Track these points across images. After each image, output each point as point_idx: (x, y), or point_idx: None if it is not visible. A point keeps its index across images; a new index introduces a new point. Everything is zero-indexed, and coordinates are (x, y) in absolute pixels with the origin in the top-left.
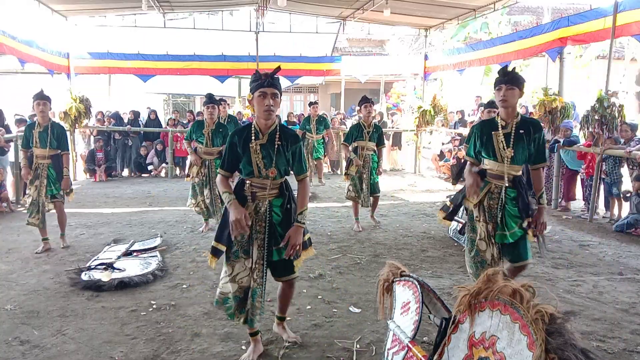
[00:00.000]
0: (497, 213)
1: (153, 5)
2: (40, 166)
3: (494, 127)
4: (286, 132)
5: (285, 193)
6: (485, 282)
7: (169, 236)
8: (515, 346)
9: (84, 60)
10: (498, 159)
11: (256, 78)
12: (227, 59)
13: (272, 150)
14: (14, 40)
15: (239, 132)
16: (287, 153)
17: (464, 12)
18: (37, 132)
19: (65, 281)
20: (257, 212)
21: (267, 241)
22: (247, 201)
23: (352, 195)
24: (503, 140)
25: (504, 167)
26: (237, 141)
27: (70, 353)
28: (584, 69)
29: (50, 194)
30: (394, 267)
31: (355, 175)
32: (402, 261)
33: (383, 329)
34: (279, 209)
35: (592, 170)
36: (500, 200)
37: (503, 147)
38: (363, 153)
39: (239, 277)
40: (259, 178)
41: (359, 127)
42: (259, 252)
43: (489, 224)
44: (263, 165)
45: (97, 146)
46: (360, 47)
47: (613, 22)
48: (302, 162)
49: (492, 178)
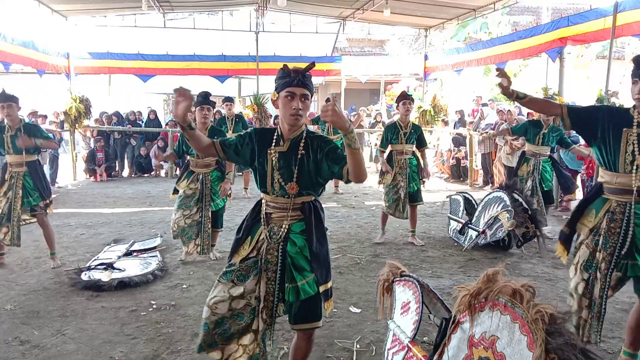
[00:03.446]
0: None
1: (153, 5)
2: (15, 175)
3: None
4: (313, 139)
5: (309, 216)
6: (485, 282)
7: (169, 236)
8: (515, 346)
9: (84, 60)
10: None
11: (284, 74)
12: (227, 59)
13: (293, 160)
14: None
15: (260, 132)
16: (313, 164)
17: (464, 12)
18: (9, 136)
19: (65, 281)
20: (270, 238)
21: (279, 274)
22: (260, 224)
23: (387, 209)
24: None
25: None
26: (254, 139)
27: (70, 353)
28: (584, 69)
29: (29, 205)
30: (394, 267)
31: (390, 184)
32: (402, 261)
33: (383, 329)
34: (300, 236)
35: (592, 171)
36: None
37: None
38: (399, 158)
39: (214, 302)
40: (273, 195)
41: (394, 128)
42: (268, 288)
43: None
44: (280, 178)
45: (97, 146)
46: (360, 47)
47: (613, 22)
48: (342, 158)
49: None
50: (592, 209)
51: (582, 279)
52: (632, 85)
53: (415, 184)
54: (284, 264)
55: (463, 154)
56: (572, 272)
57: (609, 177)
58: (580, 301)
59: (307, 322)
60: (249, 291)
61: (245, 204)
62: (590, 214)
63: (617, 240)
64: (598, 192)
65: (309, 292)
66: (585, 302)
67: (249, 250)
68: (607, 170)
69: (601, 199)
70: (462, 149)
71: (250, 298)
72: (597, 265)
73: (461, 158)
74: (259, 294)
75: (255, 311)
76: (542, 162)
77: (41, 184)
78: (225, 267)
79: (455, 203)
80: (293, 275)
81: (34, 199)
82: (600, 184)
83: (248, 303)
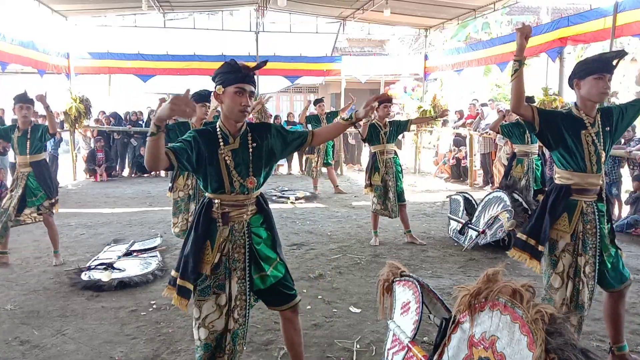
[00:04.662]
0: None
1: (153, 5)
2: (20, 175)
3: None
4: (255, 128)
5: (266, 208)
6: (485, 282)
7: (169, 236)
8: (515, 346)
9: (84, 60)
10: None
11: (233, 69)
12: (227, 59)
13: (246, 154)
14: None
15: (201, 133)
16: (266, 152)
17: (464, 12)
18: (16, 137)
19: (65, 281)
20: (232, 237)
21: (248, 271)
22: (217, 225)
23: (377, 208)
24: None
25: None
26: (200, 143)
27: (70, 353)
28: None
29: (33, 205)
30: (394, 267)
31: (379, 184)
32: (402, 261)
33: (383, 329)
34: (261, 228)
35: None
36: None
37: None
38: (383, 158)
39: (209, 321)
40: (230, 194)
41: (374, 128)
42: (239, 286)
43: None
44: (237, 175)
45: (97, 146)
46: (360, 47)
47: (613, 22)
48: (298, 133)
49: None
50: (563, 213)
51: (573, 287)
52: (594, 81)
53: (400, 184)
54: (250, 258)
55: (463, 154)
56: (558, 282)
57: (579, 179)
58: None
59: (289, 301)
60: (228, 294)
61: None
62: (562, 219)
63: (595, 240)
64: (564, 195)
65: (278, 275)
66: (572, 306)
67: (216, 255)
68: (575, 172)
69: (570, 201)
70: (462, 148)
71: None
72: (581, 269)
73: (461, 158)
74: (230, 294)
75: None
76: (535, 161)
77: (46, 183)
78: (199, 282)
79: (455, 203)
80: (261, 265)
81: (38, 199)
82: (564, 186)
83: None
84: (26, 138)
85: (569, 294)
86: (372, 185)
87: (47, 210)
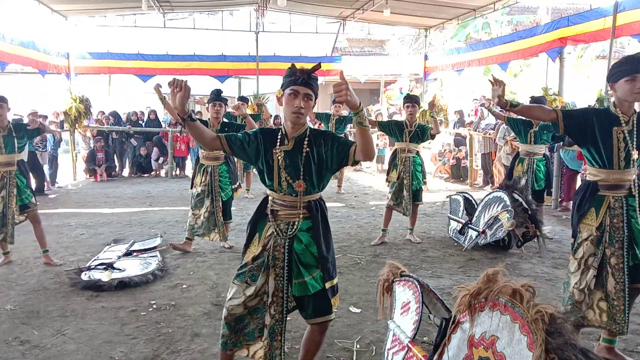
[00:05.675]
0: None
1: (153, 5)
2: (7, 174)
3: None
4: (316, 135)
5: (316, 215)
6: (485, 282)
7: (169, 236)
8: (515, 346)
9: (84, 60)
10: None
11: (290, 73)
12: (227, 59)
13: (299, 158)
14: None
15: (265, 132)
16: (318, 159)
17: (464, 12)
18: (1, 136)
19: (65, 281)
20: (277, 234)
21: (287, 271)
22: (267, 221)
23: (390, 203)
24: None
25: None
26: (260, 139)
27: (70, 353)
28: (584, 69)
29: (21, 203)
30: (394, 267)
31: (395, 181)
32: (402, 261)
33: (383, 329)
34: (306, 233)
35: None
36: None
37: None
38: (403, 156)
39: (231, 304)
40: (280, 193)
41: (400, 125)
42: (276, 283)
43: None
44: (287, 176)
45: (97, 146)
46: (360, 47)
47: (613, 22)
48: (347, 143)
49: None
50: (590, 209)
51: (593, 275)
52: (625, 84)
53: (418, 183)
54: (290, 260)
55: (463, 154)
56: (574, 266)
57: (605, 175)
58: (584, 297)
59: (320, 316)
60: (259, 288)
61: (245, 203)
62: (590, 213)
63: (622, 234)
64: (592, 191)
65: (316, 287)
66: (598, 295)
67: (259, 247)
68: (602, 168)
69: (598, 197)
70: (462, 148)
71: (262, 294)
72: (607, 261)
73: (461, 158)
74: (267, 290)
75: (265, 306)
76: (537, 162)
77: (28, 181)
78: (238, 268)
79: (455, 203)
80: (300, 271)
81: (27, 197)
82: (591, 183)
83: (261, 299)
84: (12, 137)
85: (588, 281)
86: (388, 181)
87: (35, 205)
